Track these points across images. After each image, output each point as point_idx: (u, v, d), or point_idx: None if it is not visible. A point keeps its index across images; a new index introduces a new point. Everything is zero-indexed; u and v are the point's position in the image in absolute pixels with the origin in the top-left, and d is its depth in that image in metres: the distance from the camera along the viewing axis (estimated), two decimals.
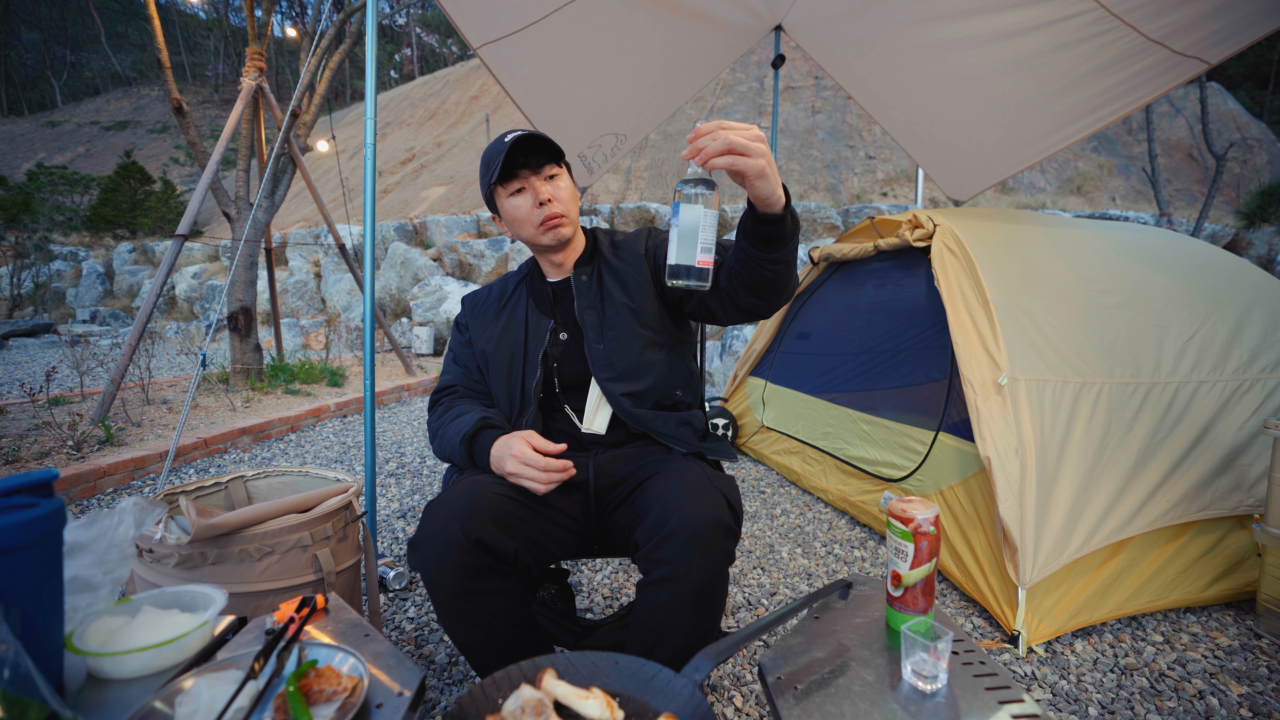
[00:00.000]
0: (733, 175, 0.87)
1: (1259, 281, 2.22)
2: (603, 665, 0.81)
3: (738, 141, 0.83)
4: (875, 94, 3.65)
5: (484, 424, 1.20)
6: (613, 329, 1.25)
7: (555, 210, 1.21)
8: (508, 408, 1.30)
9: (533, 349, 1.28)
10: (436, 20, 40.37)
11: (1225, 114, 14.14)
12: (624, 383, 1.24)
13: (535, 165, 1.20)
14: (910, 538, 0.89)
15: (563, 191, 1.23)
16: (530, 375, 1.26)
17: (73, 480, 2.73)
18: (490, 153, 1.22)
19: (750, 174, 0.86)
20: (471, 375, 1.36)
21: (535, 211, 1.21)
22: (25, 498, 0.75)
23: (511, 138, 1.18)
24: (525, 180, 1.20)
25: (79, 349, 5.51)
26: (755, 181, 0.87)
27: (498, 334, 1.32)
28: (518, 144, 1.16)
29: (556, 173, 1.23)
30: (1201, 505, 1.78)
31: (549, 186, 1.21)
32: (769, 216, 0.94)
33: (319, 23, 5.34)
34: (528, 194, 1.21)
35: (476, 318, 1.37)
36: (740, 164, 0.84)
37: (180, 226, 3.83)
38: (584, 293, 1.29)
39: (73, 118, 35.94)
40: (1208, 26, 2.37)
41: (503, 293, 1.37)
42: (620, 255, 1.32)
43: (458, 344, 1.40)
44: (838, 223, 9.64)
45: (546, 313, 1.31)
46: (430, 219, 11.10)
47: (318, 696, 0.72)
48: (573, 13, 2.66)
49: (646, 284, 1.29)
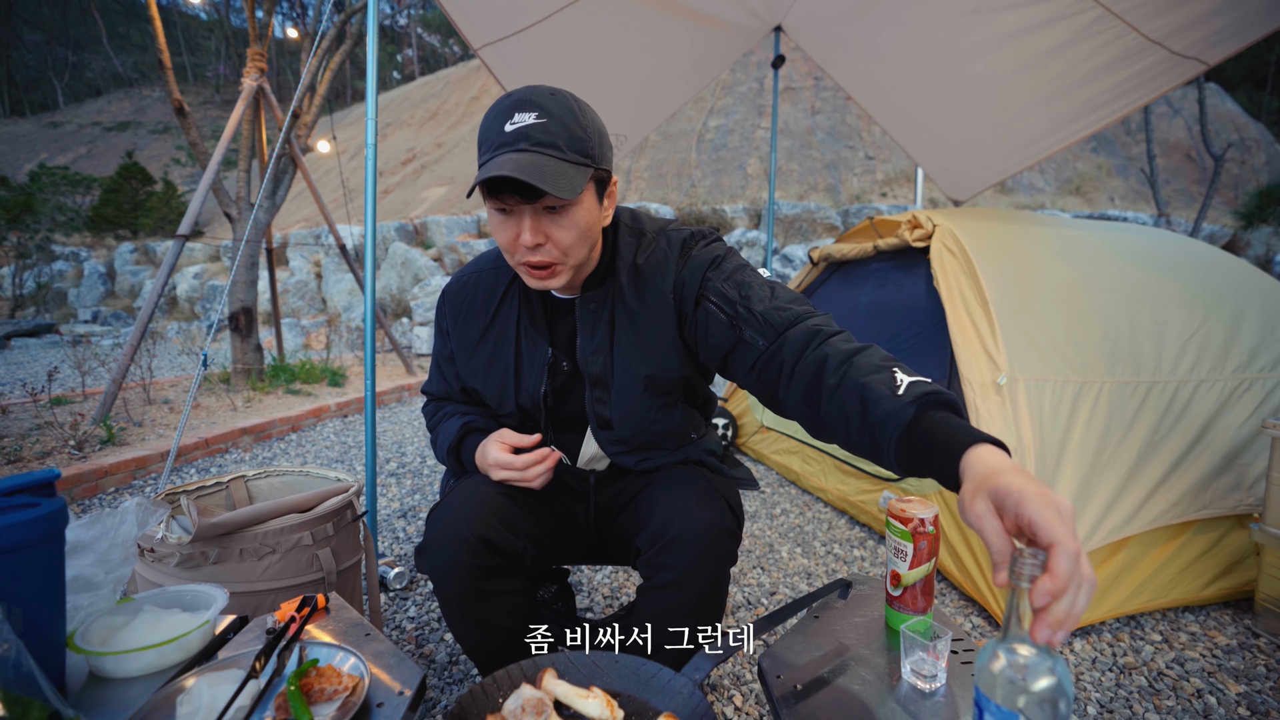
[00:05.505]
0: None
1: (1257, 281, 2.22)
2: (603, 665, 0.81)
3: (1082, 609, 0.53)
4: (875, 94, 3.66)
5: (467, 430, 1.12)
6: (623, 401, 1.05)
7: (539, 259, 0.91)
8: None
9: (528, 385, 1.09)
10: (437, 21, 40.38)
11: (1223, 115, 14.14)
12: (632, 454, 1.12)
13: (532, 195, 0.86)
14: (909, 537, 0.89)
15: (566, 231, 0.90)
16: (532, 419, 1.13)
17: (74, 480, 2.73)
18: (484, 133, 0.90)
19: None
20: (454, 391, 1.20)
21: (517, 247, 0.91)
22: (27, 497, 0.76)
23: (499, 160, 0.84)
24: (513, 205, 0.88)
25: (81, 349, 5.52)
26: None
27: (485, 363, 1.11)
28: (499, 177, 0.82)
29: (565, 203, 0.88)
30: (1201, 504, 1.79)
31: (546, 224, 0.89)
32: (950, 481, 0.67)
33: (320, 24, 5.35)
34: (513, 221, 0.90)
35: (460, 324, 1.13)
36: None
37: (181, 227, 3.83)
38: (589, 329, 1.05)
39: (74, 118, 35.96)
40: (1206, 27, 2.38)
41: (491, 293, 1.11)
42: (642, 292, 1.02)
43: (440, 354, 1.20)
44: (837, 223, 9.65)
45: (543, 333, 1.08)
46: (431, 219, 11.11)
47: (319, 695, 0.72)
48: (573, 14, 2.66)
49: (672, 345, 1.03)
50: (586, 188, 0.91)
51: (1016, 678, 0.56)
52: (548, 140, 0.86)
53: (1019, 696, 0.56)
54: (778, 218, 9.61)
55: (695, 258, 1.02)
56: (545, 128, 0.86)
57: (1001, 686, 0.57)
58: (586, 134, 0.89)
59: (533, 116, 0.86)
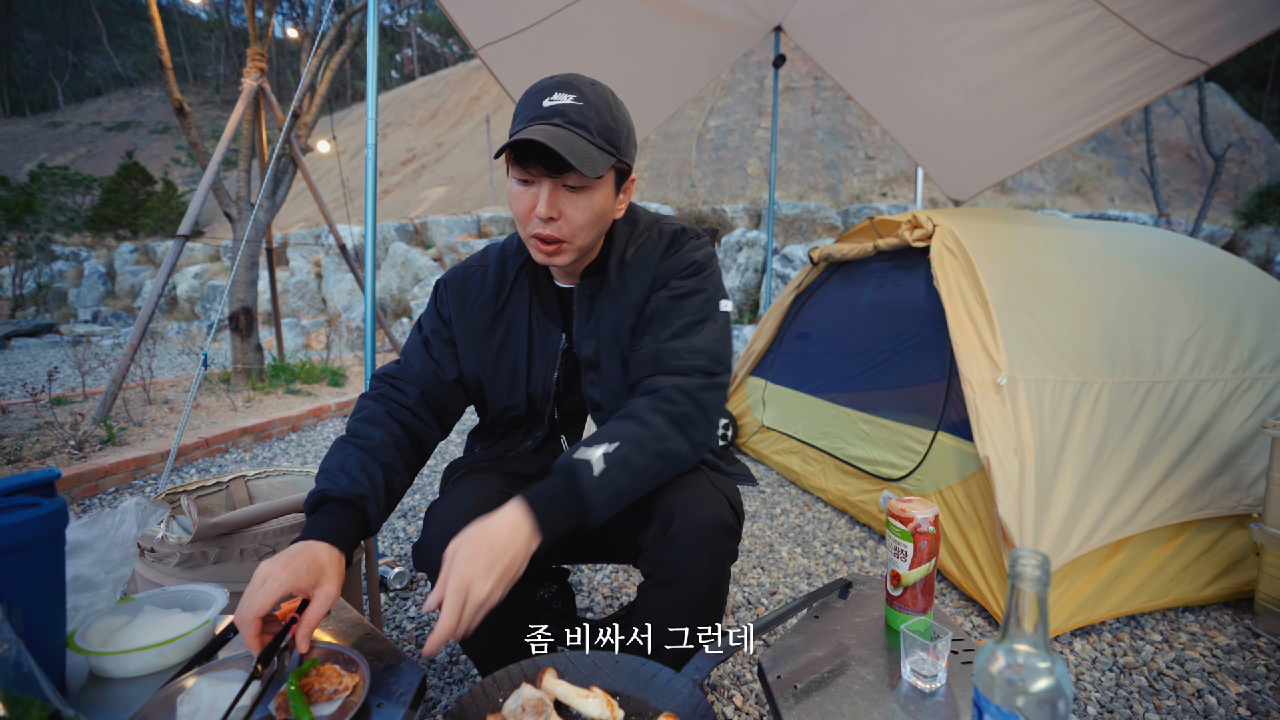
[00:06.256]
0: None
1: (1257, 281, 2.22)
2: (603, 664, 0.81)
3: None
4: (875, 94, 3.66)
5: (323, 498, 0.93)
6: (609, 381, 1.09)
7: (549, 234, 0.95)
8: (490, 438, 1.23)
9: (539, 372, 1.10)
10: (437, 21, 40.39)
11: (1223, 114, 14.14)
12: None
13: (556, 168, 0.90)
14: (910, 537, 0.89)
15: (579, 211, 0.94)
16: (537, 410, 1.13)
17: (74, 480, 2.73)
18: (521, 107, 0.94)
19: None
20: (430, 382, 1.12)
21: (530, 218, 0.95)
22: (27, 497, 0.76)
23: (531, 129, 0.87)
24: (535, 176, 0.92)
25: (81, 349, 5.52)
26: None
27: (495, 351, 1.11)
28: (534, 141, 0.86)
29: (585, 185, 0.93)
30: (1201, 504, 1.79)
31: (563, 200, 0.93)
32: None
33: (320, 23, 5.34)
34: (532, 192, 0.94)
35: (465, 311, 1.12)
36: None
37: (181, 227, 3.83)
38: (584, 314, 1.09)
39: (74, 118, 35.98)
40: (1206, 27, 2.38)
41: (501, 281, 1.12)
42: (626, 278, 1.07)
43: (436, 337, 1.14)
44: (837, 223, 9.65)
45: (555, 320, 1.11)
46: (431, 219, 11.12)
47: (319, 695, 0.72)
48: (573, 14, 2.66)
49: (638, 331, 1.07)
50: (607, 175, 0.96)
51: (1015, 678, 0.56)
52: (581, 121, 0.90)
53: (1018, 697, 0.56)
54: (778, 218, 9.61)
55: (677, 257, 1.06)
56: (581, 110, 0.91)
57: (1000, 687, 0.57)
58: (617, 125, 0.95)
59: (571, 98, 0.91)
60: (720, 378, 1.01)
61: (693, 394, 0.96)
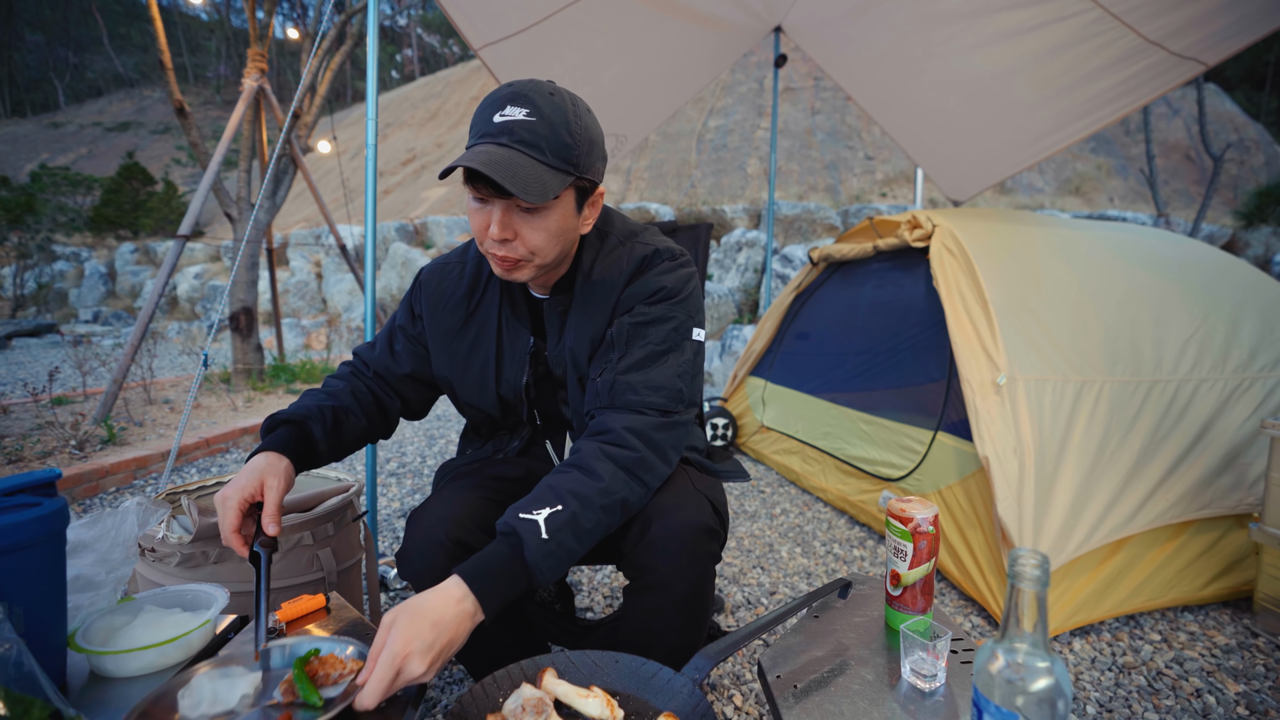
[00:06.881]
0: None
1: (1256, 281, 2.22)
2: (603, 664, 0.82)
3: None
4: (874, 94, 3.66)
5: (273, 422, 1.02)
6: (576, 402, 1.07)
7: (504, 254, 0.91)
8: (477, 439, 1.22)
9: (509, 375, 1.09)
10: (437, 21, 40.40)
11: (1223, 115, 14.14)
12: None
13: (505, 190, 0.84)
14: (909, 537, 0.89)
15: (535, 232, 0.90)
16: (513, 412, 1.13)
17: (75, 480, 2.73)
18: (475, 120, 0.90)
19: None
20: (384, 369, 1.16)
21: (486, 238, 0.91)
22: (28, 497, 0.76)
23: (475, 151, 0.84)
24: (488, 196, 0.88)
25: (81, 349, 5.52)
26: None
27: (465, 352, 1.11)
28: (477, 168, 0.82)
29: (538, 206, 0.88)
30: (1201, 504, 1.79)
31: (517, 220, 0.89)
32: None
33: (320, 24, 5.35)
34: (487, 210, 0.89)
35: (437, 312, 1.11)
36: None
37: (182, 227, 3.83)
38: (554, 333, 1.06)
39: (75, 119, 36.01)
40: (1205, 28, 2.38)
41: (474, 283, 1.11)
42: (588, 298, 1.02)
43: (401, 332, 1.16)
44: (837, 223, 9.64)
45: (524, 322, 1.08)
46: (431, 219, 11.12)
47: (324, 680, 0.73)
48: (573, 14, 2.67)
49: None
50: (565, 193, 0.90)
51: (1015, 678, 0.56)
52: (531, 140, 0.85)
53: (1017, 696, 0.56)
54: (778, 218, 9.61)
55: (644, 281, 1.01)
56: (532, 127, 0.85)
57: (1000, 687, 0.57)
58: (574, 140, 0.88)
59: (523, 113, 0.85)
60: (679, 415, 0.97)
61: (646, 435, 0.92)
